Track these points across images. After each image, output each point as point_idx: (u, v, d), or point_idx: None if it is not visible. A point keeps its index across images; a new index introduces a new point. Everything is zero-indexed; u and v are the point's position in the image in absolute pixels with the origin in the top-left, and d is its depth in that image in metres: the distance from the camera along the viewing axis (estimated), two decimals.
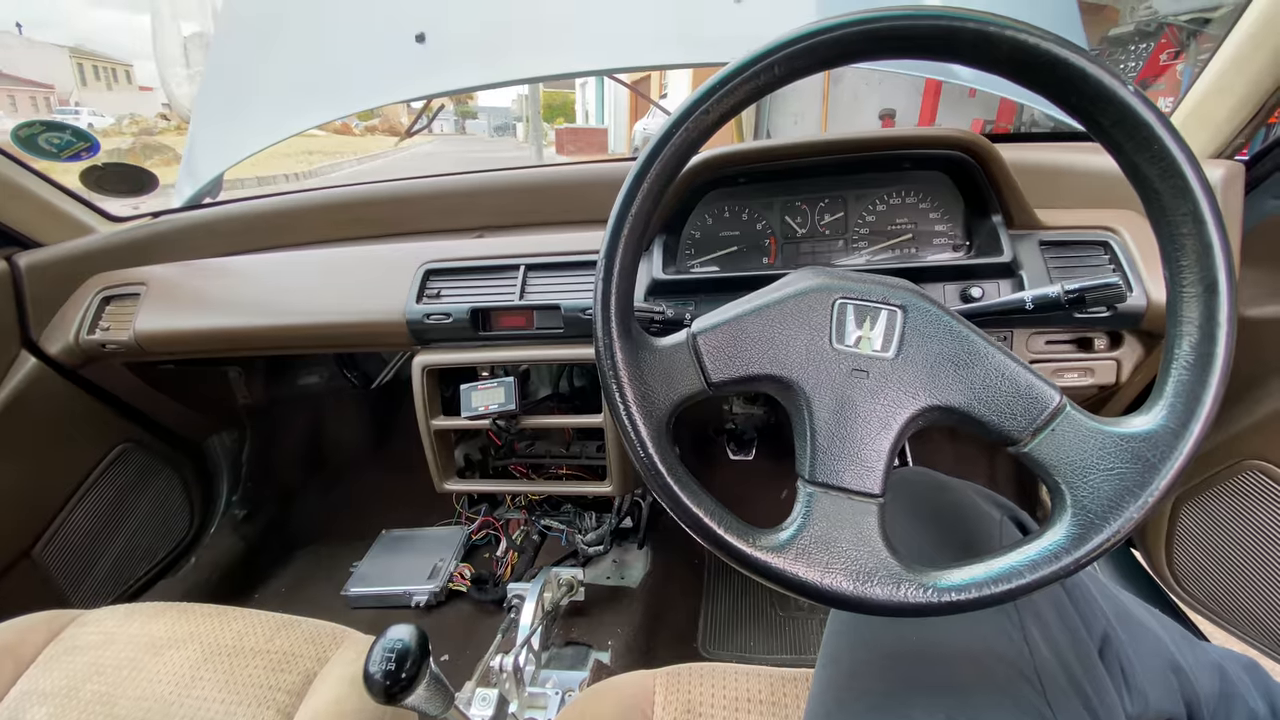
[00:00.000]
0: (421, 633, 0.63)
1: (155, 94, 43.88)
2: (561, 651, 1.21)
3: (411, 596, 1.40)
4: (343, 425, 1.84)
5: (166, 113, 20.24)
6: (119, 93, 55.99)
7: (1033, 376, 0.44)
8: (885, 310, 0.46)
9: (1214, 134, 0.80)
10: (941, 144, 0.80)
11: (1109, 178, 0.86)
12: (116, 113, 32.94)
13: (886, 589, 0.41)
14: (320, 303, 1.02)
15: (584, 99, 22.17)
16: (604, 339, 0.46)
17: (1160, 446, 0.40)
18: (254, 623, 0.82)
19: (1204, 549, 0.95)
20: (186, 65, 1.60)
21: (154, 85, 40.05)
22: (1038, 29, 0.39)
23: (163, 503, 1.45)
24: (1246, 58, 0.74)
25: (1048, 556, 0.41)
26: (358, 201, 1.22)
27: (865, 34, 0.41)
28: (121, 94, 54.98)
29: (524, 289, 0.93)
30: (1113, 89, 0.39)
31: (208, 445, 1.58)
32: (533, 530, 1.55)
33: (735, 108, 0.45)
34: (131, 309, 1.10)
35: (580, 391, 1.17)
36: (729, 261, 0.90)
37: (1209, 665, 0.62)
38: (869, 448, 0.44)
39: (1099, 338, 0.82)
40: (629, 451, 0.46)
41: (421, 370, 0.96)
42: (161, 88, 1.63)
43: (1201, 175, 0.39)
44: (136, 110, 34.35)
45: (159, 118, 24.11)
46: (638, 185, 0.46)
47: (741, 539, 0.44)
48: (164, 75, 1.57)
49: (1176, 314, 0.41)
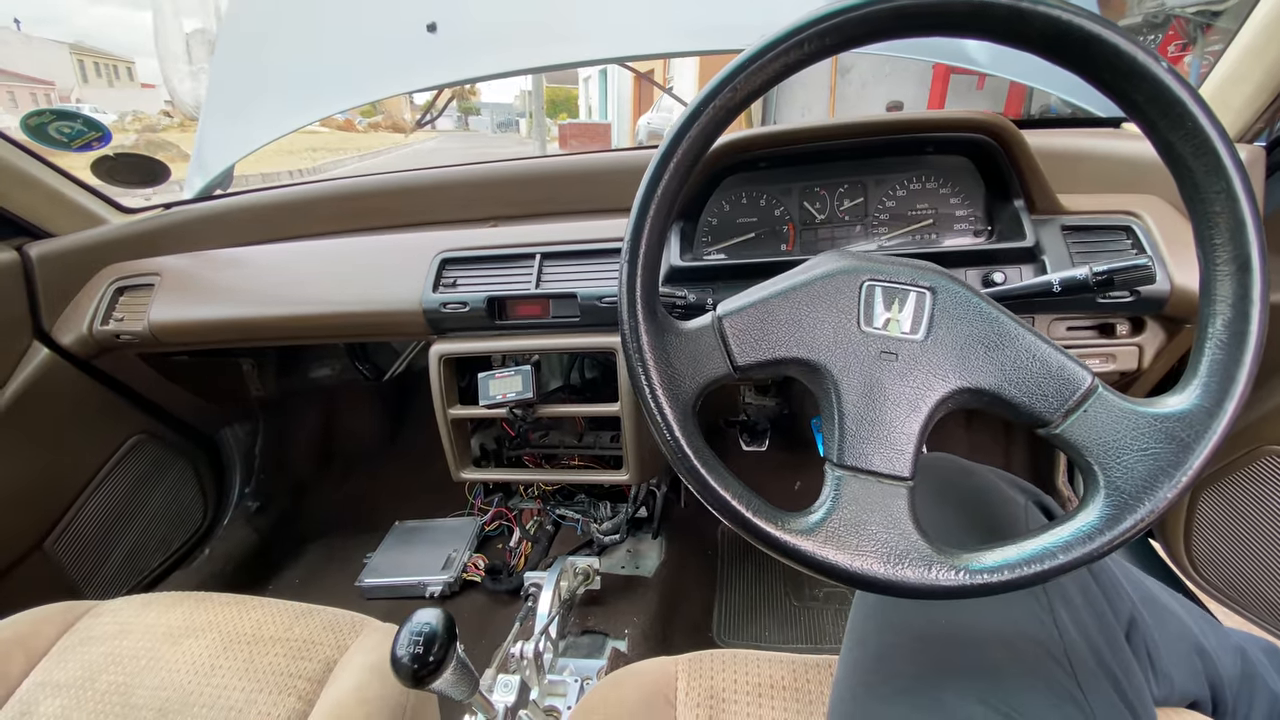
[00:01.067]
0: (449, 617, 0.63)
1: (158, 91, 43.82)
2: (578, 640, 1.21)
3: (426, 587, 1.40)
4: (354, 417, 1.84)
5: (169, 110, 20.21)
6: (120, 89, 55.94)
7: (1064, 357, 0.43)
8: (914, 292, 0.46)
9: (1233, 120, 0.79)
10: (964, 127, 0.79)
11: (1130, 162, 0.85)
12: (119, 110, 32.97)
13: (918, 571, 0.41)
14: (335, 292, 1.02)
15: (587, 94, 22.06)
16: (630, 321, 0.46)
17: (1195, 426, 0.40)
18: (272, 611, 0.82)
19: (1222, 536, 0.95)
20: (189, 61, 1.60)
21: (156, 82, 39.97)
22: (1070, 5, 0.39)
23: (176, 494, 1.46)
24: (1263, 46, 0.74)
25: (1081, 537, 0.40)
26: (369, 192, 1.22)
27: (896, 10, 0.40)
28: (123, 91, 54.94)
29: (540, 278, 0.93)
30: (1146, 65, 0.39)
31: (220, 437, 1.58)
32: (546, 520, 1.55)
33: (763, 86, 0.45)
34: (145, 299, 1.10)
35: (591, 383, 1.17)
36: (747, 248, 0.90)
37: (1231, 648, 0.62)
38: (898, 430, 0.44)
39: (1121, 323, 0.81)
40: (655, 435, 0.46)
41: (439, 359, 0.96)
42: (164, 84, 1.62)
43: (1234, 153, 0.39)
44: (139, 107, 34.35)
45: (162, 114, 24.09)
46: (665, 164, 0.45)
47: (770, 522, 0.43)
48: (166, 72, 1.57)
49: (1210, 292, 0.41)
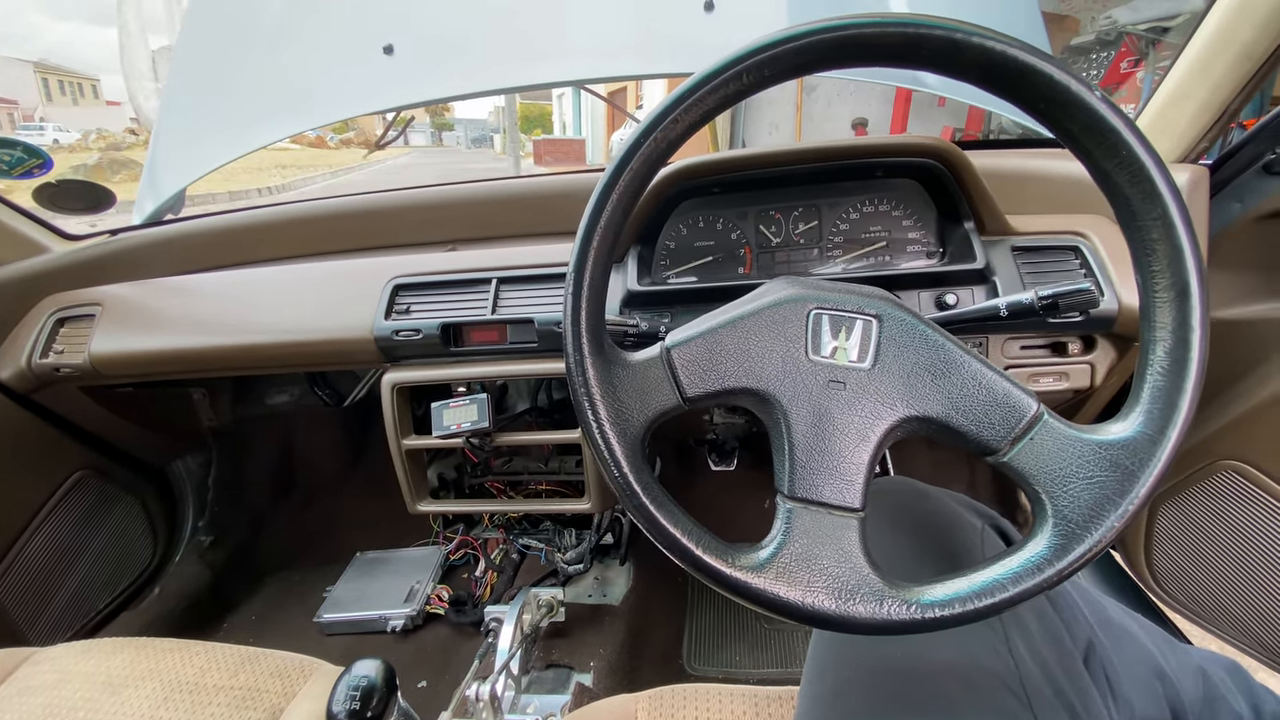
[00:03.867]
0: (388, 667, 0.60)
1: (123, 109, 43.12)
2: (542, 675, 1.18)
3: (387, 621, 1.36)
4: (314, 445, 1.78)
5: (135, 127, 19.88)
6: (85, 107, 54.93)
7: (1009, 385, 0.43)
8: (860, 320, 0.45)
9: (1178, 140, 0.81)
10: (912, 152, 0.80)
11: (1076, 183, 0.87)
12: (83, 128, 32.29)
13: (870, 606, 0.40)
14: (285, 320, 0.98)
15: (561, 110, 22.23)
16: (575, 355, 0.45)
17: (1138, 454, 0.39)
18: (218, 657, 0.78)
19: (1182, 550, 0.96)
20: (155, 79, 1.57)
21: (121, 100, 39.33)
22: (1005, 36, 0.39)
23: (123, 531, 1.39)
24: (1207, 65, 0.75)
25: (1030, 569, 0.40)
26: (325, 216, 1.19)
27: (833, 41, 0.40)
28: (88, 109, 53.96)
29: (496, 303, 0.91)
30: (1080, 95, 0.39)
31: (171, 470, 1.52)
32: (511, 549, 1.52)
33: (706, 116, 0.44)
34: (86, 331, 1.05)
35: (560, 404, 1.15)
36: (705, 272, 0.89)
37: (1192, 669, 0.62)
38: (848, 461, 0.43)
39: (1072, 342, 0.82)
40: (603, 471, 0.45)
41: (391, 388, 0.93)
42: (129, 102, 1.60)
43: (1170, 180, 0.39)
44: (103, 125, 33.71)
45: (127, 132, 23.64)
46: (607, 195, 0.44)
47: (720, 559, 0.42)
48: (132, 89, 1.54)
49: (1150, 319, 0.41)
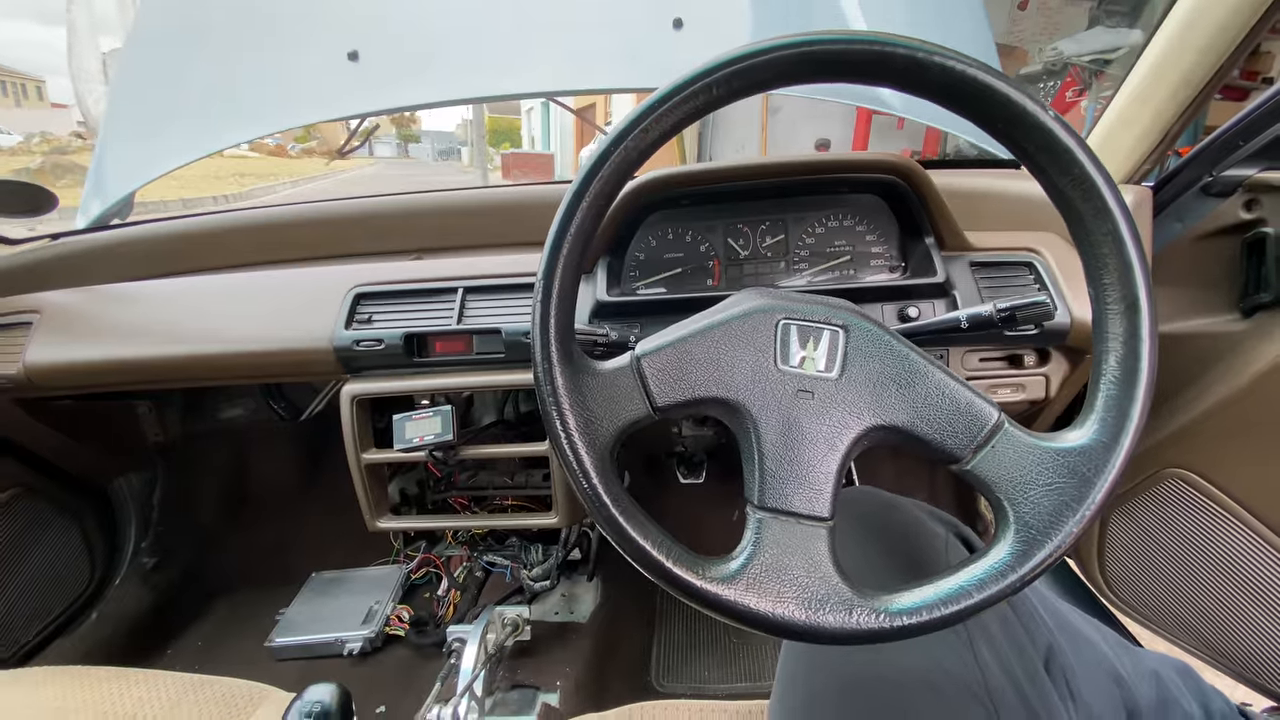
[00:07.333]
0: (344, 692, 0.57)
1: (70, 112, 41.40)
2: (507, 696, 1.14)
3: (344, 644, 1.30)
4: (269, 461, 1.71)
5: (82, 131, 19.08)
6: (29, 109, 52.64)
7: (971, 394, 0.44)
8: (828, 330, 0.46)
9: (1122, 162, 0.85)
10: (875, 168, 0.82)
11: (1030, 201, 0.90)
12: (26, 130, 30.88)
13: (839, 616, 0.40)
14: (239, 329, 0.95)
15: (530, 125, 22.25)
16: (543, 364, 0.44)
17: (1094, 460, 0.41)
18: (159, 686, 0.74)
19: (1133, 556, 0.99)
20: (105, 81, 1.51)
21: (69, 102, 37.87)
22: (966, 56, 0.40)
23: (58, 555, 1.31)
24: (1149, 92, 0.79)
25: (994, 575, 0.41)
26: (284, 223, 1.15)
27: (800, 57, 0.41)
28: (32, 110, 51.71)
29: (462, 313, 0.89)
30: (1035, 115, 0.40)
31: (113, 488, 1.44)
32: (475, 567, 1.48)
33: (674, 127, 0.44)
34: (21, 339, 0.99)
35: (527, 417, 1.13)
36: (674, 283, 0.89)
37: (1146, 673, 0.64)
38: (817, 470, 0.44)
39: (1028, 354, 0.85)
40: (571, 483, 0.44)
41: (351, 400, 0.90)
42: (77, 105, 1.53)
43: (1119, 196, 0.41)
44: (48, 128, 32.25)
45: (74, 136, 22.68)
46: (577, 202, 0.44)
47: (690, 570, 0.42)
48: (80, 91, 1.48)
49: (1103, 330, 0.42)
